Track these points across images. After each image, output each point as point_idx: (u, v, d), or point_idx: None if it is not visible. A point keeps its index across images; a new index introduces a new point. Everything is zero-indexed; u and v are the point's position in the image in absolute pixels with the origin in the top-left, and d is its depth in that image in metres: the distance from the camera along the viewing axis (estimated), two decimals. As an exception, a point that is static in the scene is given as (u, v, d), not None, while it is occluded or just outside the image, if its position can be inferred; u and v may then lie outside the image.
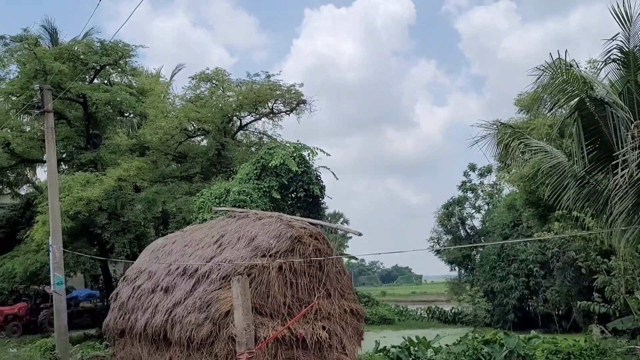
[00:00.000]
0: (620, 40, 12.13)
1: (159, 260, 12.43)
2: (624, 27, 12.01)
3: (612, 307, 14.88)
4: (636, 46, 12.13)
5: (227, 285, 9.33)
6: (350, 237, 53.35)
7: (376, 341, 15.25)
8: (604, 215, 12.33)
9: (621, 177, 10.64)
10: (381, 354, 14.03)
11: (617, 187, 11.00)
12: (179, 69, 37.09)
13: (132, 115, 32.10)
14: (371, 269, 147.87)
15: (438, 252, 42.33)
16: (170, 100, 32.88)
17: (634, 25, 11.92)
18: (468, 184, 41.95)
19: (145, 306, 11.31)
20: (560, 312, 25.56)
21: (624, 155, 10.82)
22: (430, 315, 37.21)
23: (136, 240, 24.90)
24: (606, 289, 14.93)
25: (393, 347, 14.34)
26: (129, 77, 31.94)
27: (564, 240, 20.67)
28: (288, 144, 26.07)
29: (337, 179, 26.42)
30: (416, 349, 14.02)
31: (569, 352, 13.31)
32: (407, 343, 14.42)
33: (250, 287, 8.96)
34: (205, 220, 19.40)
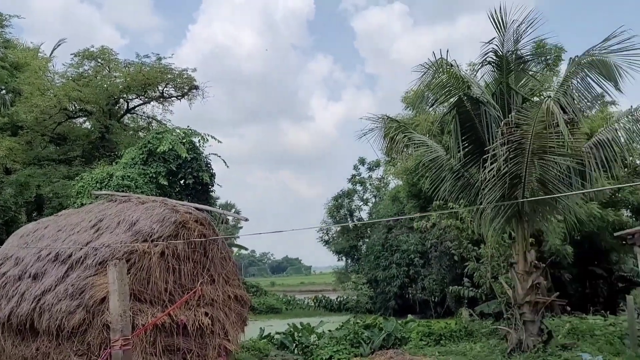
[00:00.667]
0: (496, 45, 13.12)
1: (28, 246, 11.47)
2: (500, 33, 12.97)
3: (479, 291, 16.13)
4: (509, 51, 13.16)
5: (104, 271, 8.81)
6: (242, 227, 52.92)
7: (261, 328, 15.31)
8: (476, 207, 13.32)
9: (489, 171, 11.56)
10: (265, 340, 14.10)
11: (487, 179, 11.94)
12: (60, 44, 34.37)
13: (4, 90, 29.34)
14: (262, 260, 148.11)
15: (327, 242, 43.33)
16: (49, 77, 30.42)
17: (508, 31, 12.91)
18: (357, 177, 43.36)
19: (10, 295, 10.37)
20: (436, 299, 27.22)
21: (493, 150, 11.76)
22: (317, 304, 38.10)
23: (5, 226, 22.87)
24: (475, 275, 16.16)
25: (277, 333, 14.47)
26: (2, 49, 29.16)
27: (441, 231, 22.03)
28: (178, 130, 25.25)
29: (227, 166, 26.14)
30: (300, 334, 14.26)
31: (440, 334, 14.25)
32: (292, 329, 14.62)
33: (129, 272, 8.54)
34: (84, 205, 18.27)
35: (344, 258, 43.18)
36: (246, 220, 10.83)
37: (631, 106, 18.41)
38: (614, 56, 11.99)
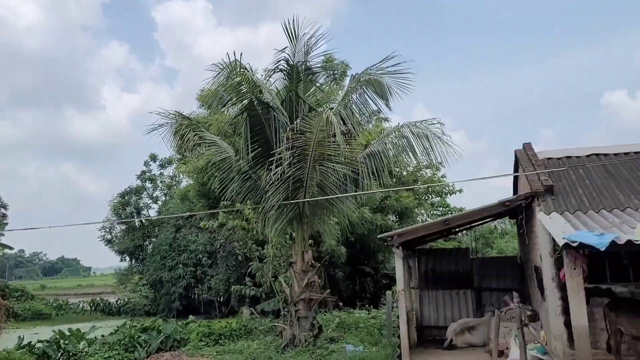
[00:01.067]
0: (288, 54, 13.72)
1: None
2: (292, 43, 13.57)
3: (260, 290, 16.66)
4: (299, 61, 13.84)
5: None
6: (7, 223, 46.48)
7: (19, 336, 13.57)
8: (262, 208, 13.72)
9: (274, 174, 12.03)
10: (24, 350, 12.53)
11: (272, 182, 12.40)
12: None
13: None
14: (32, 261, 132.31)
15: (109, 242, 40.40)
16: None
17: (299, 42, 13.58)
18: (148, 173, 41.34)
19: None
20: (221, 298, 27.31)
21: (279, 154, 12.27)
22: (93, 308, 35.28)
23: None
24: (257, 275, 16.64)
25: (40, 342, 12.97)
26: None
27: (230, 231, 22.21)
28: None
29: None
30: (67, 342, 13.00)
31: (220, 334, 14.32)
32: (58, 336, 13.24)
33: None
34: None
35: (127, 258, 40.71)
36: (3, 216, 9.42)
37: (399, 123, 20.79)
38: (387, 77, 13.39)
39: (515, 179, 14.25)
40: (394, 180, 23.30)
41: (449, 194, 28.75)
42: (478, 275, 14.46)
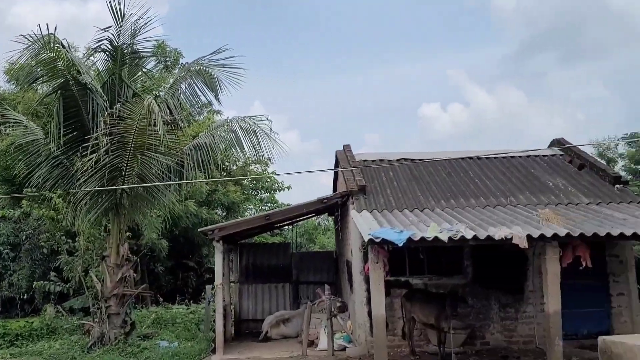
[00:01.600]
0: (112, 34, 12.83)
1: None
2: (117, 23, 12.73)
3: (67, 286, 15.36)
4: (125, 43, 13.05)
5: None
6: None
7: None
8: (73, 197, 12.63)
9: (88, 160, 11.17)
10: None
11: (86, 169, 11.50)
12: None
13: None
14: None
15: None
16: None
17: (125, 23, 12.81)
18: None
19: None
20: (24, 296, 24.63)
21: (96, 140, 11.43)
22: None
23: None
24: (64, 269, 15.32)
25: None
26: None
27: (39, 222, 20.11)
28: None
29: None
30: None
31: (17, 334, 12.93)
32: None
33: None
34: None
35: None
36: None
37: (227, 117, 20.73)
38: (218, 70, 13.25)
39: (335, 179, 15.10)
40: (223, 174, 23.20)
41: (277, 191, 29.48)
42: (297, 269, 15.05)
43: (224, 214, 23.07)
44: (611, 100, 67.55)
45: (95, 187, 11.74)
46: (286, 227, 31.93)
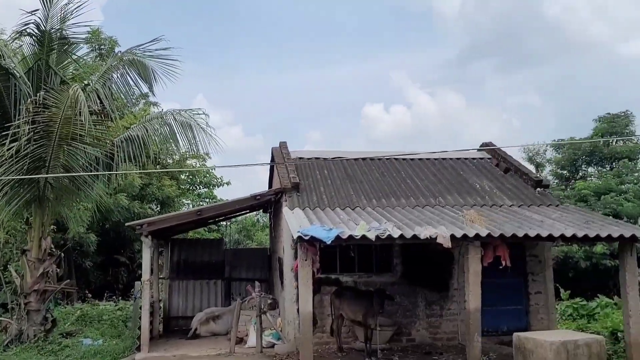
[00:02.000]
0: (39, 17, 12.23)
1: None
2: (45, 6, 12.14)
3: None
4: (53, 28, 12.47)
5: None
6: None
7: None
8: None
9: (8, 149, 10.61)
10: None
11: (5, 158, 10.91)
12: None
13: None
14: None
15: None
16: None
17: (55, 7, 12.23)
18: None
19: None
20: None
21: (17, 128, 10.87)
22: None
23: None
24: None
25: None
26: None
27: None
28: None
29: None
30: None
31: None
32: None
33: None
34: None
35: None
36: None
37: (162, 109, 20.23)
38: (153, 60, 12.91)
39: (271, 176, 15.05)
40: (158, 167, 22.64)
41: (216, 186, 29.10)
42: (230, 265, 14.90)
43: (158, 208, 22.53)
44: (545, 108, 70.88)
45: (15, 177, 11.17)
46: (223, 223, 31.73)
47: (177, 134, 13.84)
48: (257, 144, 69.05)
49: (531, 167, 38.11)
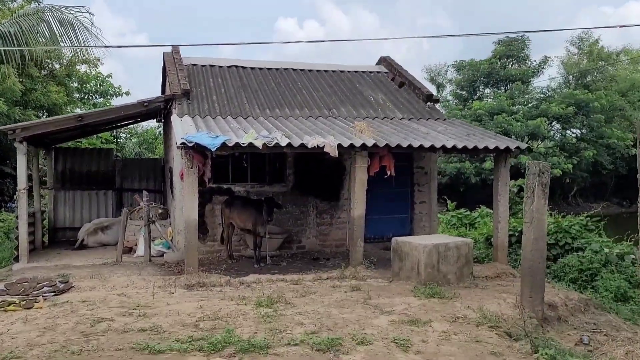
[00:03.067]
0: None
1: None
2: None
3: None
4: None
5: None
6: None
7: None
8: None
9: None
10: None
11: None
12: None
13: None
14: None
15: None
16: None
17: None
18: None
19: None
20: None
21: None
22: None
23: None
24: None
25: None
26: None
27: None
28: None
29: None
30: None
31: None
32: None
33: None
34: None
35: None
36: None
37: (38, 3, 18.35)
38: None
39: (164, 83, 14.29)
40: (44, 72, 20.83)
41: (114, 96, 27.37)
42: (121, 176, 14.34)
43: (45, 117, 20.91)
44: (452, 30, 72.26)
45: None
46: (123, 135, 30.27)
47: (58, 34, 12.71)
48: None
49: (432, 88, 39.29)
